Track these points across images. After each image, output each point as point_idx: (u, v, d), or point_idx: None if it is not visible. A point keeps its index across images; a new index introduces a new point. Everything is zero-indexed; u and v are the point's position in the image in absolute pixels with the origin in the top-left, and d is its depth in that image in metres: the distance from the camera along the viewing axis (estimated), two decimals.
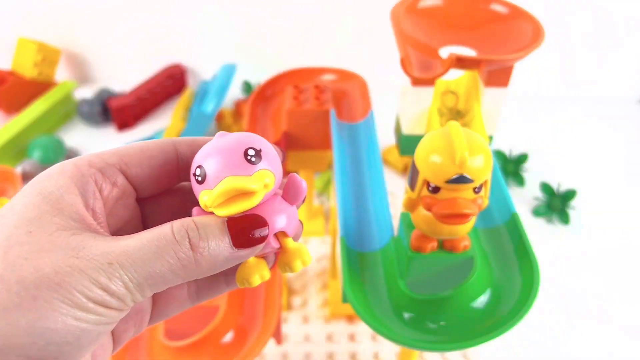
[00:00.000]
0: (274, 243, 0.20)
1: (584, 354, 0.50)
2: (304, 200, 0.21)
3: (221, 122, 0.75)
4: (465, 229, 0.31)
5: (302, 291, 0.55)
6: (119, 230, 0.21)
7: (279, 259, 0.21)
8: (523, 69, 0.64)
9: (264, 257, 0.21)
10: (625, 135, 0.82)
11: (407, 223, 0.34)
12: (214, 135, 0.21)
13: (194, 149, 0.21)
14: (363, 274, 0.36)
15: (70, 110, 0.80)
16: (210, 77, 0.82)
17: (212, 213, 0.19)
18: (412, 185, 0.31)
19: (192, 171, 0.20)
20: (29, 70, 0.78)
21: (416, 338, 0.32)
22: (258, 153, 0.20)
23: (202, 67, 0.88)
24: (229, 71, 0.73)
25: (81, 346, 0.17)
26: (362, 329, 0.51)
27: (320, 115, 0.48)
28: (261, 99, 0.54)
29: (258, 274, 0.20)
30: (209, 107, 0.69)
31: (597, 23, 0.82)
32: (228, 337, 0.33)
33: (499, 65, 0.39)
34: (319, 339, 0.51)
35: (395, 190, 0.68)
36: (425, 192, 0.30)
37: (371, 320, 0.32)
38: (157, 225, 0.19)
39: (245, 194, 0.19)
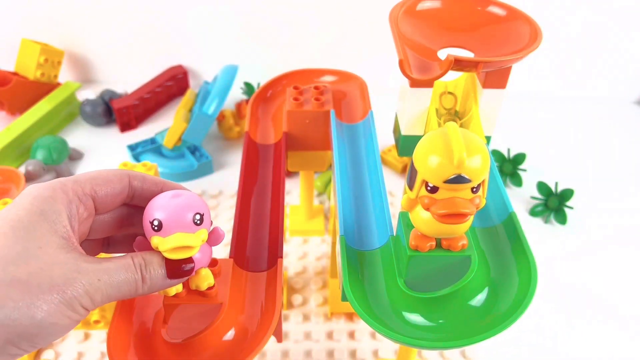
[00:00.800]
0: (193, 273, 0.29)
1: (581, 352, 0.51)
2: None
3: (222, 123, 0.76)
4: (463, 228, 0.32)
5: (302, 289, 0.56)
6: (80, 241, 0.28)
7: (191, 279, 0.31)
8: (521, 69, 0.64)
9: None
10: (623, 135, 0.82)
11: (405, 222, 0.35)
12: (215, 132, 0.26)
13: (144, 184, 0.29)
14: (362, 272, 0.36)
15: (74, 111, 0.81)
16: (212, 78, 0.83)
17: (151, 249, 0.28)
18: (410, 185, 0.31)
19: (149, 219, 0.27)
20: (32, 71, 0.78)
21: (415, 336, 0.32)
22: (202, 217, 0.28)
23: (203, 68, 0.88)
24: (230, 72, 0.73)
25: (64, 333, 0.24)
26: (362, 326, 0.52)
27: (320, 116, 0.49)
28: (262, 99, 0.55)
29: (205, 282, 0.32)
30: (211, 108, 0.69)
31: (594, 24, 0.82)
32: (229, 335, 0.34)
33: (496, 66, 0.40)
34: (319, 337, 0.51)
35: (394, 190, 0.68)
36: (423, 192, 0.30)
37: (370, 319, 0.32)
38: (102, 235, 0.30)
39: (188, 246, 0.27)
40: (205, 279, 0.32)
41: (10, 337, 0.22)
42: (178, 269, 0.28)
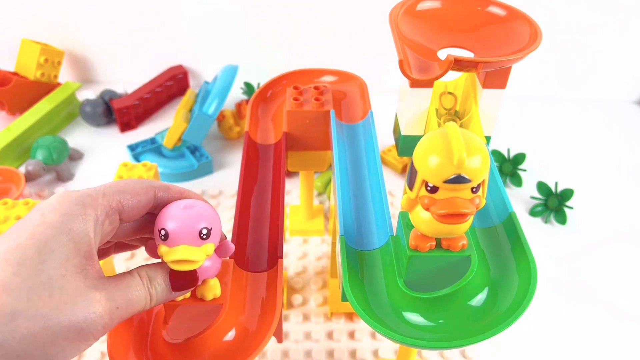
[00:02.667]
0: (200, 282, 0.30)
1: (581, 352, 0.51)
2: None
3: (222, 123, 0.76)
4: (463, 228, 0.32)
5: (302, 290, 0.56)
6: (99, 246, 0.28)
7: (198, 288, 0.31)
8: (521, 70, 0.64)
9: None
10: (623, 136, 0.82)
11: (405, 222, 0.35)
12: (215, 132, 0.26)
13: (169, 194, 0.30)
14: (362, 272, 0.36)
15: (74, 111, 0.81)
16: (212, 78, 0.83)
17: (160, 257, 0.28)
18: (410, 185, 0.31)
19: (157, 227, 0.28)
20: (32, 72, 0.78)
21: (415, 336, 0.32)
22: (209, 232, 0.28)
23: (203, 68, 0.88)
24: (230, 72, 0.73)
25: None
26: (362, 326, 0.52)
27: (320, 116, 0.49)
28: (262, 99, 0.55)
29: (211, 293, 0.32)
30: (211, 108, 0.69)
31: (595, 24, 0.82)
32: (230, 335, 0.34)
33: (496, 66, 0.40)
34: (319, 337, 0.51)
35: (394, 190, 0.68)
36: (423, 192, 0.30)
37: (370, 319, 0.32)
38: (120, 239, 0.30)
39: (191, 261, 0.28)
40: (211, 289, 0.32)
41: None
42: (181, 281, 0.29)
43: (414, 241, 0.33)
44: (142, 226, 0.31)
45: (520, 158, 0.69)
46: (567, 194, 0.64)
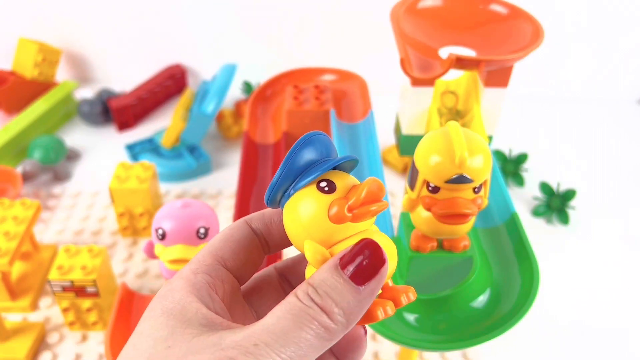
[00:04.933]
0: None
1: (584, 353, 0.50)
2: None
3: (221, 122, 0.75)
4: (464, 228, 0.31)
5: None
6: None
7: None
8: (523, 69, 0.64)
9: None
10: (624, 135, 0.82)
11: (406, 223, 0.34)
12: (214, 132, 0.24)
13: (265, 221, 0.22)
14: None
15: (71, 111, 0.80)
16: (211, 77, 0.82)
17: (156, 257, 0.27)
18: (411, 185, 0.31)
19: (155, 226, 0.27)
20: (29, 71, 0.78)
21: (416, 337, 0.32)
22: (206, 231, 0.28)
23: (202, 67, 0.88)
24: (229, 71, 0.73)
25: None
26: None
27: (320, 115, 0.49)
28: (261, 99, 0.55)
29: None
30: (209, 107, 0.69)
31: (596, 24, 0.82)
32: None
33: (498, 65, 0.39)
34: None
35: (395, 190, 0.68)
36: (425, 192, 0.30)
37: None
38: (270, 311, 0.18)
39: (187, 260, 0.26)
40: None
41: None
42: (357, 262, 0.18)
43: (415, 242, 0.33)
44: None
45: (522, 158, 0.69)
46: (569, 194, 0.63)
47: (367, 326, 0.21)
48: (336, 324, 0.18)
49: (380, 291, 0.19)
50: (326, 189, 0.19)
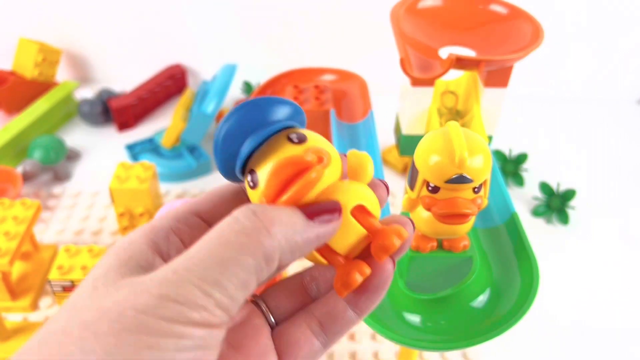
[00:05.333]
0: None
1: (584, 353, 0.50)
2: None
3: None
4: (464, 228, 0.31)
5: None
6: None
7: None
8: (523, 69, 0.64)
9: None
10: (624, 135, 0.82)
11: None
12: (214, 132, 0.21)
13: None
14: None
15: (71, 111, 0.80)
16: (211, 77, 0.82)
17: None
18: (411, 185, 0.31)
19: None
20: (29, 71, 0.78)
21: (416, 337, 0.32)
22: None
23: (202, 67, 0.88)
24: (229, 71, 0.73)
25: None
26: (362, 328, 0.51)
27: (320, 116, 0.49)
28: None
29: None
30: (210, 107, 0.69)
31: (596, 24, 0.82)
32: None
33: (498, 65, 0.39)
34: None
35: (395, 190, 0.68)
36: (424, 192, 0.30)
37: (371, 320, 0.32)
38: None
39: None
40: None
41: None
42: (313, 206, 0.18)
43: (415, 242, 0.33)
44: None
45: (522, 158, 0.69)
46: (569, 194, 0.63)
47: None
48: (275, 241, 0.16)
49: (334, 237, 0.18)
50: (296, 140, 0.18)
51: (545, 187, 0.65)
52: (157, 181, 0.60)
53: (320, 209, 0.18)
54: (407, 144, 0.45)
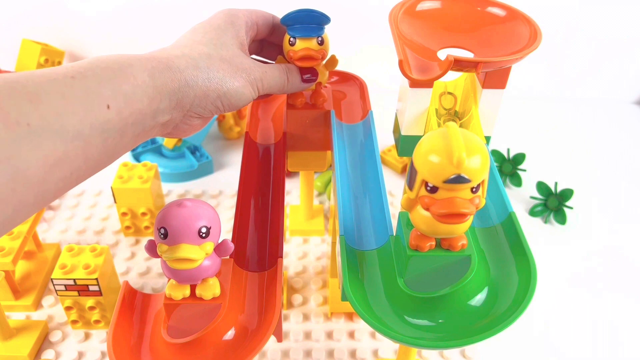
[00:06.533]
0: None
1: (581, 352, 0.51)
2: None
3: (222, 123, 0.76)
4: (462, 228, 0.32)
5: (302, 289, 0.56)
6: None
7: (197, 287, 0.33)
8: (521, 70, 0.65)
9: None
10: (622, 135, 0.82)
11: (405, 222, 0.35)
12: (216, 133, 0.25)
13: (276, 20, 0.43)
14: (362, 272, 0.36)
15: None
16: None
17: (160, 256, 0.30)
18: (410, 185, 0.31)
19: (157, 226, 0.28)
20: None
21: (415, 336, 0.32)
22: (208, 231, 0.29)
23: None
24: None
25: (246, 103, 0.37)
26: (362, 326, 0.52)
27: (320, 116, 0.49)
28: (262, 100, 0.55)
29: (210, 292, 0.33)
30: None
31: (594, 24, 0.82)
32: (229, 334, 0.34)
33: (496, 67, 0.40)
34: (319, 337, 0.51)
35: (394, 190, 0.68)
36: (423, 192, 0.30)
37: (370, 318, 0.32)
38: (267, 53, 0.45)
39: (190, 259, 0.29)
40: (211, 288, 0.32)
41: (220, 94, 0.35)
42: (308, 74, 0.42)
43: (414, 241, 0.33)
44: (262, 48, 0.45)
45: (520, 158, 0.69)
46: (566, 194, 0.64)
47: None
48: (287, 88, 0.42)
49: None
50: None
51: (542, 187, 0.65)
52: (159, 181, 0.61)
53: (308, 80, 0.43)
54: (406, 144, 0.46)
